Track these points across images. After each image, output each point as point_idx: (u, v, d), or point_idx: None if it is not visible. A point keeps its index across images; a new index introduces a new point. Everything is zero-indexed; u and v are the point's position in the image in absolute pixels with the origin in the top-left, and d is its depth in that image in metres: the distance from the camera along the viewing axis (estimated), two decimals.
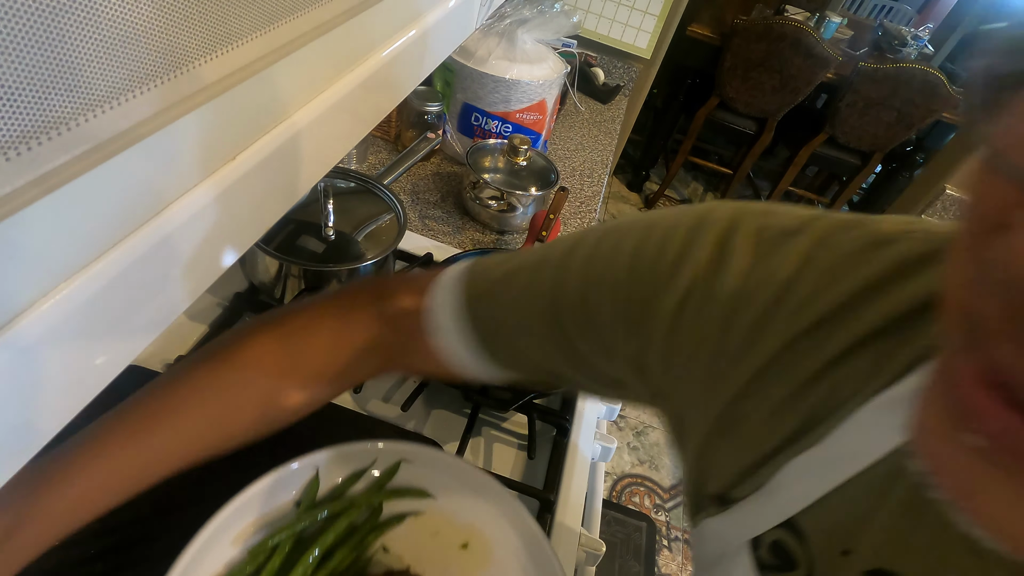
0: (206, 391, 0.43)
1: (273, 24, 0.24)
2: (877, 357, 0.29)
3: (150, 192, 0.21)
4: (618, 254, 0.37)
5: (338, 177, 0.81)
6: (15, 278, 0.16)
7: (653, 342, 0.36)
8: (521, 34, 1.05)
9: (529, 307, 0.41)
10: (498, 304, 0.42)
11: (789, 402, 0.32)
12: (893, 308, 0.29)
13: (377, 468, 0.53)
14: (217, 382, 0.43)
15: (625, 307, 0.36)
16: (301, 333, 0.46)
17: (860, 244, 0.31)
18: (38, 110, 0.15)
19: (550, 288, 0.40)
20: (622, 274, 0.37)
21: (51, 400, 0.19)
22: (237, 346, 0.45)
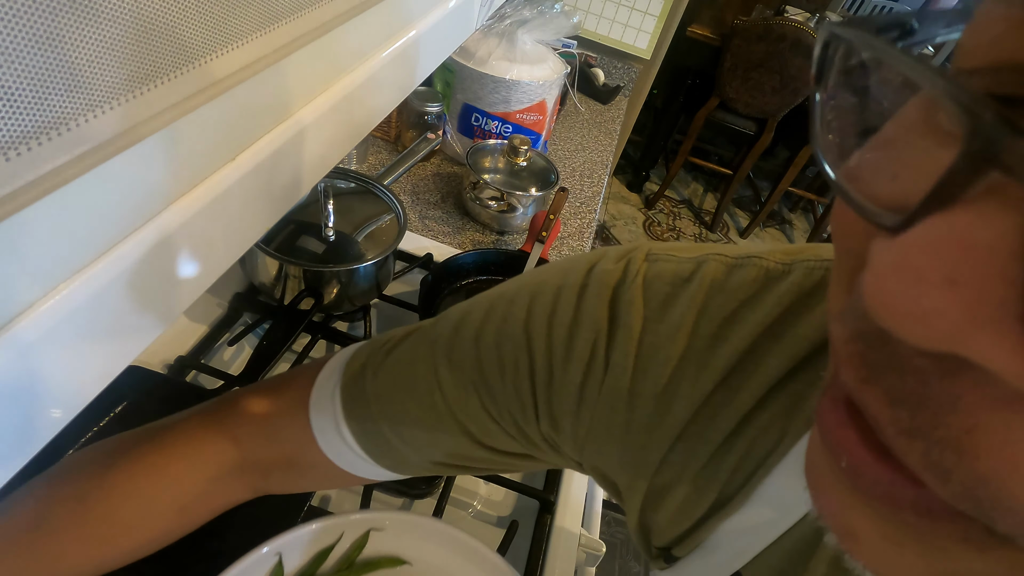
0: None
1: (273, 24, 0.24)
2: (789, 404, 0.28)
3: (150, 192, 0.21)
4: (510, 328, 0.34)
5: (338, 177, 0.81)
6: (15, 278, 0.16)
7: (562, 423, 0.34)
8: (521, 35, 1.05)
9: (416, 399, 0.37)
10: (380, 402, 0.38)
11: (711, 466, 0.31)
12: (795, 350, 0.28)
13: (345, 541, 0.49)
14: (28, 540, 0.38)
15: (529, 386, 0.34)
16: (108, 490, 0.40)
17: (752, 283, 0.30)
18: (38, 110, 0.15)
19: (436, 374, 0.36)
20: (520, 352, 0.34)
21: (51, 400, 0.19)
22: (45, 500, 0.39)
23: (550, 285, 0.34)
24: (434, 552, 0.50)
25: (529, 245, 0.92)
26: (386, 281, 0.80)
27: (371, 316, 0.78)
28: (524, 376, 0.34)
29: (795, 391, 0.28)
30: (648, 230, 2.98)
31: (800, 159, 2.67)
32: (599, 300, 0.32)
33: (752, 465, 0.30)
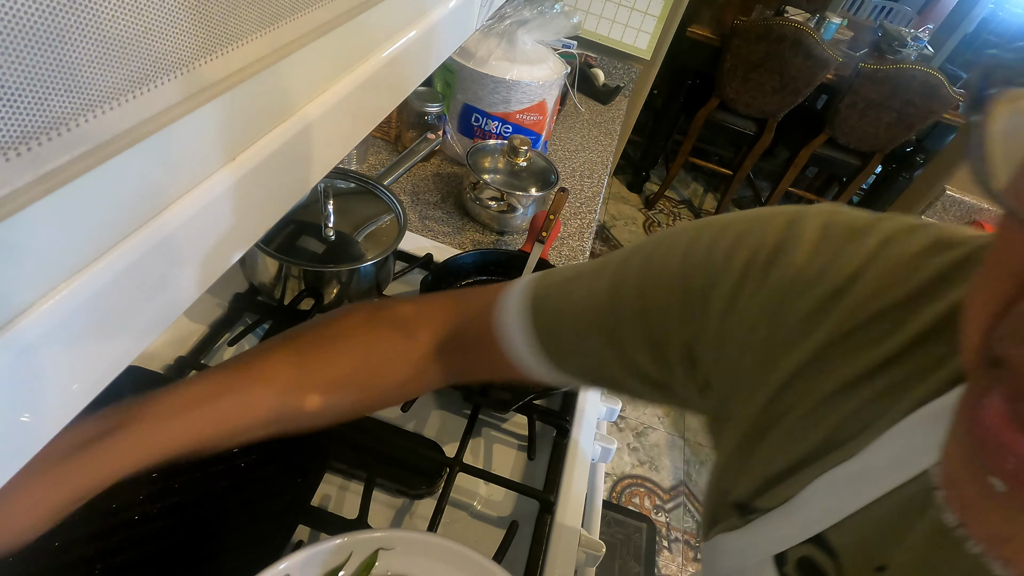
0: (219, 391, 0.43)
1: (273, 25, 0.24)
2: (924, 363, 0.29)
3: (150, 192, 0.21)
4: (674, 248, 0.39)
5: (338, 178, 0.81)
6: (15, 278, 0.16)
7: (707, 328, 0.36)
8: (521, 35, 1.05)
9: (587, 311, 0.42)
10: (558, 310, 0.43)
11: (831, 403, 0.32)
12: (945, 309, 0.29)
13: (354, 561, 0.49)
14: (231, 379, 0.43)
15: (681, 294, 0.37)
16: (324, 342, 0.46)
17: (923, 246, 0.31)
18: (38, 110, 0.15)
19: (607, 290, 0.41)
20: (677, 262, 0.38)
21: (51, 400, 0.19)
22: (256, 351, 0.46)
23: (720, 221, 0.38)
24: (443, 571, 0.50)
25: (529, 245, 0.92)
26: (386, 281, 0.80)
27: None
28: (678, 284, 0.37)
29: (932, 352, 0.29)
30: (648, 230, 2.98)
31: (800, 159, 2.67)
32: (773, 223, 0.35)
33: (874, 414, 0.30)
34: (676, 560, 1.70)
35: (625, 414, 2.07)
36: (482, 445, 0.73)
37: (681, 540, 1.75)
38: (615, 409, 0.85)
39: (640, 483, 1.87)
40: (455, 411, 0.75)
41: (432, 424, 0.73)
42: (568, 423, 0.74)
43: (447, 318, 0.48)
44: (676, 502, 1.85)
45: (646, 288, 0.39)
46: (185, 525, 0.52)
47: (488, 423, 0.75)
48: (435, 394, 0.75)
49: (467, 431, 0.69)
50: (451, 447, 0.69)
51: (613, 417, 0.87)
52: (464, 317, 0.48)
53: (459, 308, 0.49)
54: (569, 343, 0.43)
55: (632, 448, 1.98)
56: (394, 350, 0.47)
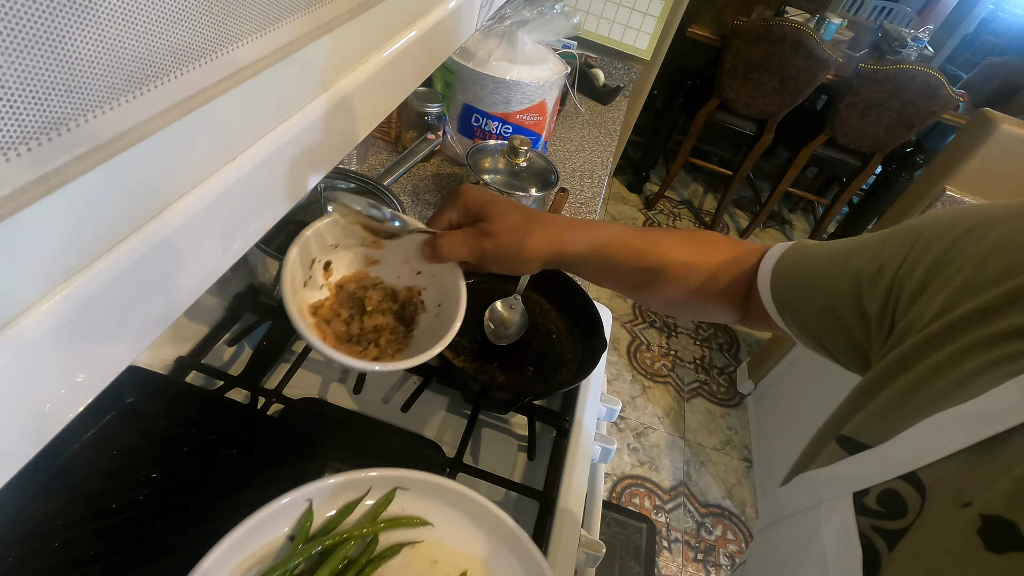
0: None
1: (273, 25, 0.24)
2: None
3: (150, 193, 0.21)
4: (931, 221, 0.41)
5: (338, 178, 0.81)
6: (15, 278, 0.16)
7: (921, 265, 0.39)
8: (521, 35, 1.05)
9: (829, 282, 0.45)
10: (801, 274, 0.49)
11: (974, 350, 0.33)
12: None
13: (372, 497, 0.51)
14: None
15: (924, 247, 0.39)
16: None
17: None
18: (39, 111, 0.15)
19: (854, 267, 0.44)
20: (925, 222, 0.41)
21: (51, 400, 0.19)
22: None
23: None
24: (455, 516, 0.52)
25: None
26: None
27: None
28: (913, 239, 0.40)
29: None
30: None
31: (800, 160, 2.67)
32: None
33: (1006, 369, 0.31)
34: (676, 560, 1.70)
35: (625, 415, 2.07)
36: (482, 445, 0.73)
37: (681, 540, 1.75)
38: (615, 410, 0.85)
39: (640, 483, 1.87)
40: (455, 412, 0.75)
41: (432, 424, 0.73)
42: (568, 424, 0.74)
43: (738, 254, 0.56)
44: (676, 502, 1.85)
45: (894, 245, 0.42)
46: (185, 525, 0.52)
47: (488, 423, 0.75)
48: (436, 395, 0.75)
49: (467, 432, 0.69)
50: (451, 447, 0.69)
51: (613, 418, 0.87)
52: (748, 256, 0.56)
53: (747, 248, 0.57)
54: (806, 309, 0.48)
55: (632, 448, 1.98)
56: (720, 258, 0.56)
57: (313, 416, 0.67)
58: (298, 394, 0.69)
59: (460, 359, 0.73)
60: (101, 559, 0.48)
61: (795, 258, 0.50)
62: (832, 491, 0.36)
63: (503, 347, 0.76)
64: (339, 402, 0.70)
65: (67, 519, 0.49)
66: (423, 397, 0.72)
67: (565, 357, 0.78)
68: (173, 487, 0.54)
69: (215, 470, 0.56)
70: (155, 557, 0.50)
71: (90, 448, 0.54)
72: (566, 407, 0.78)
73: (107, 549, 0.49)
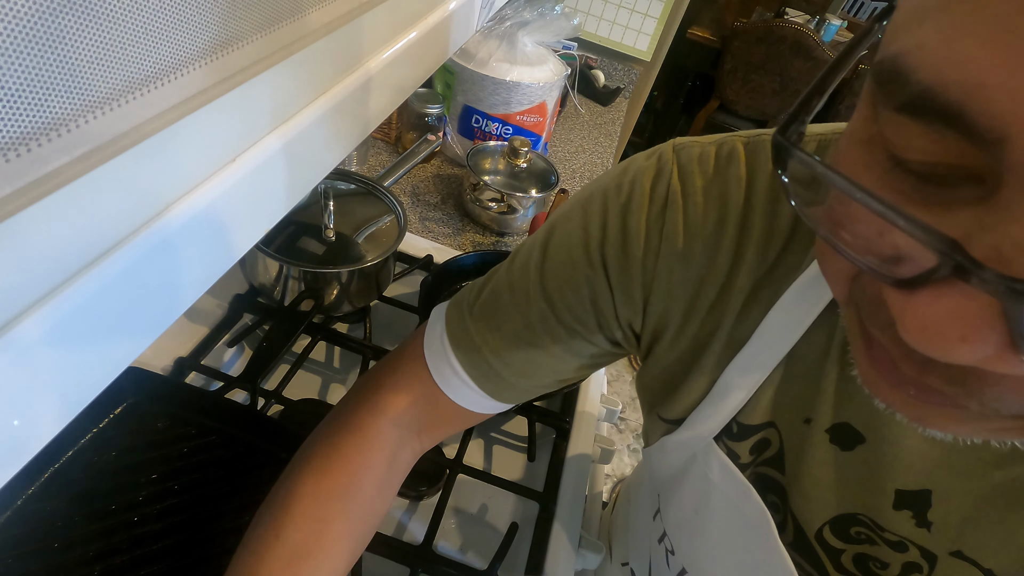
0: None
1: (273, 26, 0.25)
2: (791, 262, 0.35)
3: (150, 193, 0.21)
4: (572, 246, 0.41)
5: (338, 179, 0.81)
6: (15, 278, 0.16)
7: (634, 297, 0.40)
8: (521, 36, 1.05)
9: (523, 332, 0.42)
10: (491, 343, 0.43)
11: (742, 315, 0.37)
12: (790, 213, 0.35)
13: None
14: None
15: (603, 277, 0.40)
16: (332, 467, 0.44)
17: (766, 159, 0.36)
18: (39, 112, 0.15)
19: (537, 317, 0.42)
20: (582, 258, 0.40)
21: (51, 400, 0.19)
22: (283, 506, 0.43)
23: (597, 194, 0.41)
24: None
25: None
26: (386, 282, 0.80)
27: (371, 318, 0.78)
28: (597, 271, 0.40)
29: (797, 250, 0.35)
30: None
31: None
32: (642, 189, 0.38)
33: (763, 307, 0.36)
34: None
35: (625, 416, 2.07)
36: (482, 446, 0.73)
37: None
38: (615, 411, 0.85)
39: None
40: None
41: None
42: (568, 425, 0.74)
43: (403, 407, 0.46)
44: None
45: (567, 296, 0.41)
46: (184, 527, 0.52)
47: (488, 425, 0.75)
48: None
49: (467, 433, 0.69)
50: (451, 448, 0.69)
51: (613, 419, 0.87)
52: (415, 396, 0.46)
53: (409, 389, 0.46)
54: (515, 376, 0.44)
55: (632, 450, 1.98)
56: (374, 488, 0.45)
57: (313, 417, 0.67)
58: (298, 395, 0.69)
59: None
60: (101, 559, 0.48)
61: (488, 344, 0.43)
62: (695, 445, 0.41)
63: None
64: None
65: (66, 519, 0.49)
66: None
67: None
68: (173, 488, 0.54)
69: (215, 471, 0.56)
70: (155, 558, 0.50)
71: (89, 449, 0.54)
72: (566, 408, 0.78)
73: (107, 549, 0.49)
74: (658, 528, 0.51)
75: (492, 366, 0.43)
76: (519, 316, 0.42)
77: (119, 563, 0.49)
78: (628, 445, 1.98)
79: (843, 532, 0.36)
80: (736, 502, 0.39)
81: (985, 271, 0.15)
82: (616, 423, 2.01)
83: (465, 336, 0.44)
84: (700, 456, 0.40)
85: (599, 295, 0.40)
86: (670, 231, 0.37)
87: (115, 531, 0.50)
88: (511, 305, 0.42)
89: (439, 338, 0.45)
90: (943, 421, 0.22)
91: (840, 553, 0.37)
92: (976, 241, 0.16)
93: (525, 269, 0.42)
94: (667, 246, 0.37)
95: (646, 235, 0.38)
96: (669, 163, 0.38)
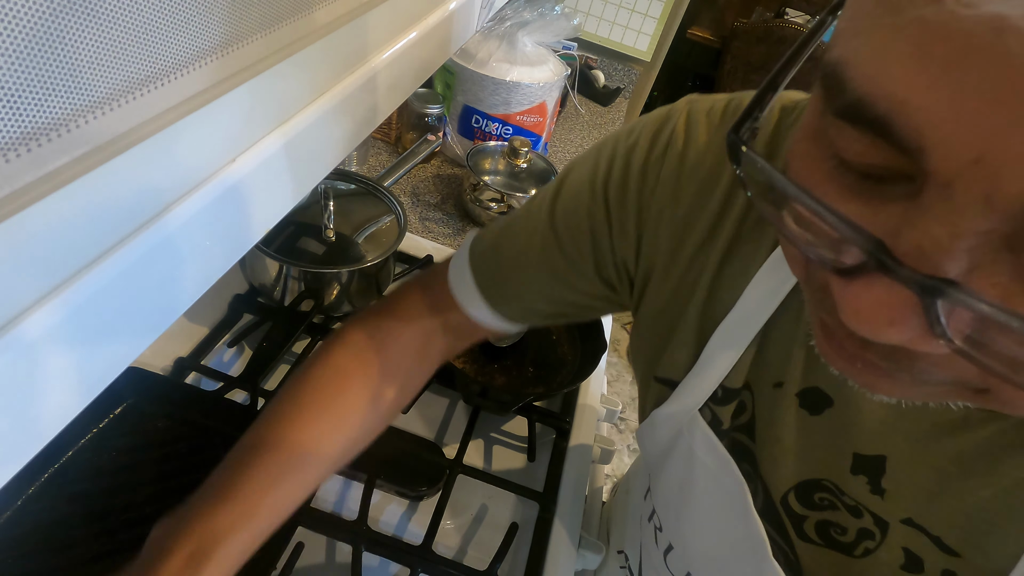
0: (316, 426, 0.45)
1: (273, 27, 0.25)
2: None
3: (151, 193, 0.21)
4: (581, 182, 0.44)
5: (339, 179, 0.81)
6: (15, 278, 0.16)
7: (628, 233, 0.42)
8: (521, 37, 1.05)
9: (527, 262, 0.46)
10: (497, 259, 0.48)
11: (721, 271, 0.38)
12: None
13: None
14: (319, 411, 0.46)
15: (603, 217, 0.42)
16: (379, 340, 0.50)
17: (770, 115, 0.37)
18: (39, 112, 0.15)
19: (540, 242, 0.46)
20: (587, 194, 0.43)
21: (51, 400, 0.19)
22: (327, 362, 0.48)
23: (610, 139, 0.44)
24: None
25: None
26: (386, 283, 0.80)
27: None
28: (599, 205, 0.43)
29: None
30: None
31: None
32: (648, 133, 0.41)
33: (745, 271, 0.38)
34: None
35: (625, 416, 2.07)
36: (482, 446, 0.73)
37: None
38: (615, 411, 0.85)
39: None
40: (455, 413, 0.75)
41: (432, 426, 0.73)
42: (568, 425, 0.74)
43: (420, 312, 0.51)
44: None
45: (571, 226, 0.44)
46: None
47: (488, 424, 0.75)
48: (436, 396, 0.75)
49: (467, 433, 0.69)
50: (451, 449, 0.69)
51: (613, 419, 0.87)
52: (431, 302, 0.51)
53: (425, 296, 0.52)
54: (513, 289, 0.48)
55: (632, 450, 1.97)
56: (391, 378, 0.49)
57: None
58: None
59: (460, 361, 0.73)
60: (101, 560, 0.48)
61: (494, 259, 0.48)
62: (682, 416, 0.42)
63: (503, 348, 0.76)
64: None
65: (66, 519, 0.49)
66: (423, 399, 0.72)
67: (565, 358, 0.78)
68: (173, 488, 0.54)
69: None
70: None
71: (89, 449, 0.54)
72: (566, 408, 0.78)
73: (107, 550, 0.49)
74: (648, 507, 0.52)
75: (494, 278, 0.48)
76: (526, 238, 0.46)
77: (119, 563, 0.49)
78: (628, 445, 1.98)
79: (807, 499, 0.37)
80: (717, 474, 0.40)
81: (903, 268, 0.17)
82: (616, 423, 2.01)
83: (479, 248, 0.49)
84: (685, 430, 0.42)
85: (598, 228, 0.43)
86: (667, 173, 0.39)
87: (115, 531, 0.50)
88: (523, 230, 0.47)
89: (464, 250, 0.50)
90: (888, 387, 0.24)
91: (803, 520, 0.38)
92: (904, 237, 0.18)
93: (542, 201, 0.46)
94: (662, 187, 0.40)
95: (644, 174, 0.40)
96: (678, 113, 0.41)
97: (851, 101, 0.18)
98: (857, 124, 0.18)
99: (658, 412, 0.44)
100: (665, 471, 0.46)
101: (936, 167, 0.16)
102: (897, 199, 0.19)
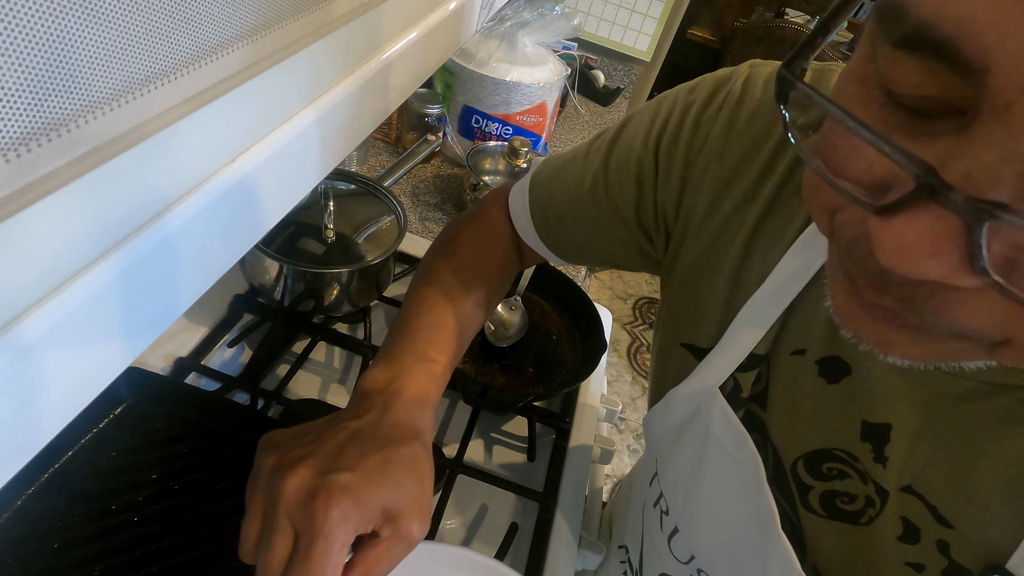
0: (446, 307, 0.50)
1: (268, 29, 0.25)
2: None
3: (151, 193, 0.21)
4: (637, 132, 0.46)
5: (339, 179, 0.81)
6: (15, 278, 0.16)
7: (671, 184, 0.43)
8: (521, 37, 1.05)
9: (577, 189, 0.49)
10: (551, 190, 0.51)
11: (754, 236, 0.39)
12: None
13: None
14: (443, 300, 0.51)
15: (652, 169, 0.44)
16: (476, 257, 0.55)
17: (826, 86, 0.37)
18: (38, 112, 0.15)
19: (590, 186, 0.48)
20: (640, 144, 0.45)
21: (51, 400, 0.19)
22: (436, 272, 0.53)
23: (671, 93, 0.46)
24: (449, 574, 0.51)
25: None
26: (386, 283, 0.80)
27: (371, 318, 0.78)
28: (649, 154, 0.45)
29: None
30: None
31: None
32: (707, 91, 0.43)
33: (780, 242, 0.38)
34: None
35: (625, 416, 2.07)
36: (482, 447, 0.73)
37: None
38: (615, 411, 0.85)
39: None
40: (456, 413, 0.75)
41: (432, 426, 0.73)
42: (568, 425, 0.74)
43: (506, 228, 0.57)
44: None
45: (620, 171, 0.46)
46: (184, 527, 0.52)
47: (488, 425, 0.75)
48: None
49: (467, 433, 0.69)
50: (451, 448, 0.69)
51: (613, 419, 0.87)
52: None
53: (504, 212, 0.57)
54: (563, 227, 0.51)
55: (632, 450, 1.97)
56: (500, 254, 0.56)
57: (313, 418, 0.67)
58: (298, 395, 0.69)
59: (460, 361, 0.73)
60: (100, 559, 0.48)
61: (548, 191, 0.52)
62: (701, 394, 0.43)
63: (503, 348, 0.76)
64: (339, 403, 0.70)
65: (66, 520, 0.49)
66: None
67: (565, 358, 0.78)
68: (173, 488, 0.54)
69: (215, 471, 0.56)
70: (155, 558, 0.50)
71: (89, 449, 0.54)
72: (566, 408, 0.78)
73: (106, 550, 0.49)
74: (655, 492, 0.53)
75: (546, 213, 0.51)
76: (580, 176, 0.49)
77: (119, 563, 0.49)
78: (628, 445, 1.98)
79: (815, 468, 0.38)
80: (732, 451, 0.41)
81: (955, 192, 0.17)
82: (616, 423, 2.01)
83: (540, 178, 0.53)
84: (703, 408, 0.43)
85: (645, 177, 0.45)
86: (718, 131, 0.41)
87: (115, 531, 0.50)
88: (580, 168, 0.49)
89: (527, 178, 0.54)
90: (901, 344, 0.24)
91: (809, 490, 0.38)
92: (951, 166, 0.18)
93: (602, 143, 0.49)
94: (711, 144, 0.41)
95: (696, 129, 0.42)
96: (739, 74, 0.42)
97: (914, 27, 0.18)
98: (917, 51, 0.18)
99: (675, 391, 0.45)
100: (677, 452, 0.46)
101: (999, 86, 0.16)
102: (945, 135, 0.19)
